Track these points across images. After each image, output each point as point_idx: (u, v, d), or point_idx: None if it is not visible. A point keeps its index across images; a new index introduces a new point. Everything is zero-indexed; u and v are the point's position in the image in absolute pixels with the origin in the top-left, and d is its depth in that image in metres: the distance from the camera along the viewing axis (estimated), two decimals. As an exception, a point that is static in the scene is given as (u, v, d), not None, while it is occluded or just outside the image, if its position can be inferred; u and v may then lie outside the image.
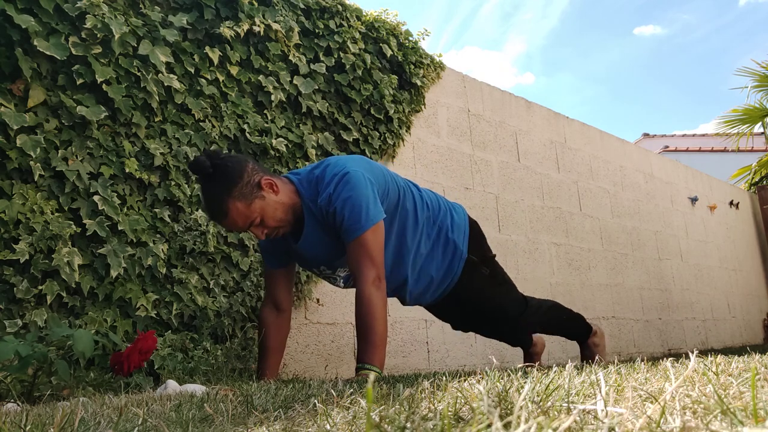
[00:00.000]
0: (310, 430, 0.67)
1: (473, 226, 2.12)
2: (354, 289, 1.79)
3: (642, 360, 1.28)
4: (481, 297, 2.11)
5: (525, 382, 0.78)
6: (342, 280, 1.97)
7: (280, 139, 2.49)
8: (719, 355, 1.21)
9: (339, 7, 2.83)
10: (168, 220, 2.12)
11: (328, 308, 2.63)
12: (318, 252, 1.86)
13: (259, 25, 2.46)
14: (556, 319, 2.35)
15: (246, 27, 2.42)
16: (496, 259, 2.20)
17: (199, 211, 2.20)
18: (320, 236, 1.80)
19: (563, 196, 4.12)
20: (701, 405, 0.58)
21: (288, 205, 1.75)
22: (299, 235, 1.81)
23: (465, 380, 0.94)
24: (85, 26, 1.95)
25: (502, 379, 0.91)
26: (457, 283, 2.05)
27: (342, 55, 2.79)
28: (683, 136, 13.74)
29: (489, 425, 0.46)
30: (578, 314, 2.41)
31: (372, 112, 2.90)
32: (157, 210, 2.10)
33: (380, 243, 1.73)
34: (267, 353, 1.90)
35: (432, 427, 0.52)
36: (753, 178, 7.63)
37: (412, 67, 3.14)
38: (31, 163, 1.83)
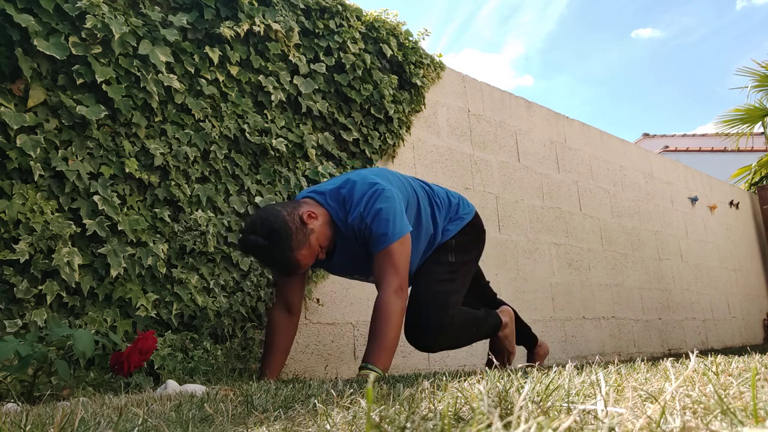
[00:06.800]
0: (310, 430, 0.67)
1: (476, 225, 2.19)
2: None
3: (642, 360, 1.28)
4: (432, 276, 2.03)
5: (525, 382, 0.78)
6: None
7: (280, 139, 2.49)
8: (719, 355, 1.21)
9: (339, 7, 2.83)
10: (168, 220, 2.12)
11: (328, 308, 2.63)
12: (352, 264, 1.95)
13: (259, 25, 2.46)
14: (466, 334, 2.16)
15: (246, 27, 2.42)
16: (481, 269, 2.34)
17: (199, 211, 2.20)
18: (351, 250, 1.88)
19: (563, 196, 4.12)
20: (701, 405, 0.58)
21: (329, 222, 1.83)
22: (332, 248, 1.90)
23: (465, 380, 0.94)
24: (85, 26, 1.94)
25: (502, 379, 0.91)
26: (432, 252, 2.07)
27: (342, 55, 2.79)
28: (683, 136, 13.74)
29: (489, 425, 0.46)
30: (520, 324, 2.40)
31: (372, 112, 2.89)
32: (157, 210, 2.10)
33: (406, 255, 1.79)
34: (272, 353, 1.93)
35: (432, 427, 0.52)
36: (753, 178, 7.63)
37: (412, 67, 3.14)
38: (31, 163, 1.83)
